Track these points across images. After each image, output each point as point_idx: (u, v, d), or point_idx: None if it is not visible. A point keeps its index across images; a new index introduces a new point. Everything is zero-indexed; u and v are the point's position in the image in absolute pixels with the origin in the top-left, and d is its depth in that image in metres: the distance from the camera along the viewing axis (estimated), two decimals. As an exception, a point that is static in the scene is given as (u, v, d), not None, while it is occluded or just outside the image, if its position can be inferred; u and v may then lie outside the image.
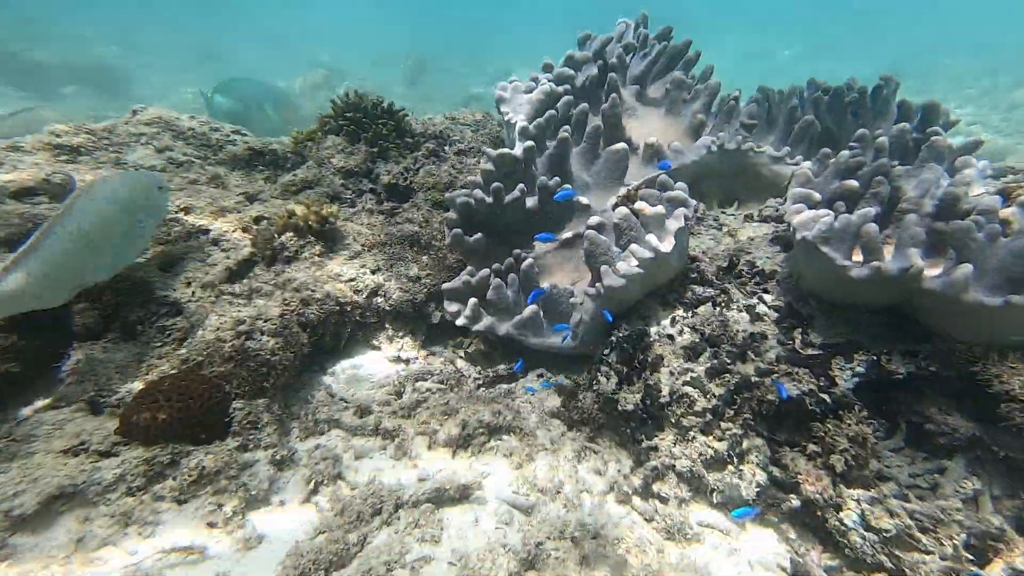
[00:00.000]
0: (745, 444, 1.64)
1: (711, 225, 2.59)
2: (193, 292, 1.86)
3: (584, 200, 2.46)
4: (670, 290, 2.26)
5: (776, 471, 1.57)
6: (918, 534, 1.26)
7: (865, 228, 1.45)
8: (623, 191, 2.49)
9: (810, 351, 1.72)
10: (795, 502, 1.49)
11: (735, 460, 1.62)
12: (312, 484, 1.61)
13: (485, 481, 1.78)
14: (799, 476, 1.49)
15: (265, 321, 1.75)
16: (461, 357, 2.44)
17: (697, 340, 1.97)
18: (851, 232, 1.51)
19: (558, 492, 1.76)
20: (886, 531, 1.31)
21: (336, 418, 1.89)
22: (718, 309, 2.04)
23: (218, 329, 1.67)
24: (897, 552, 1.29)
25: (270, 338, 1.73)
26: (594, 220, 2.32)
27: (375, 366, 2.24)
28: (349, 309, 2.14)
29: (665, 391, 1.84)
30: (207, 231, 2.09)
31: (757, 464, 1.60)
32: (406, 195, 2.69)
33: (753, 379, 1.66)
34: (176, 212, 2.06)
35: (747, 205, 2.72)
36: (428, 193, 2.71)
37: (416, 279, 2.36)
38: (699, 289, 2.19)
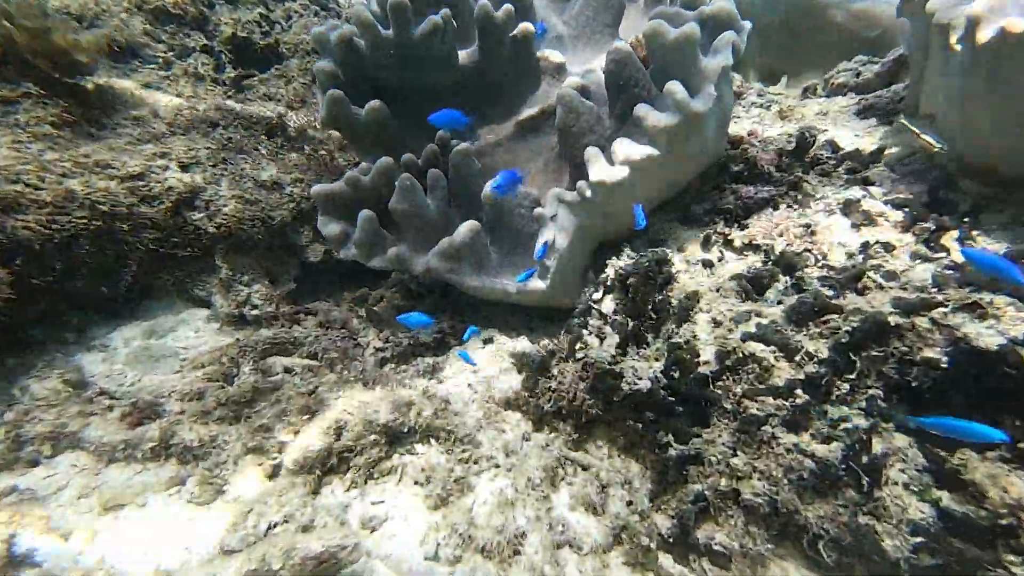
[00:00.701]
0: (877, 446, 0.89)
1: (754, 103, 1.81)
2: None
3: (556, 57, 1.62)
4: (698, 197, 1.49)
5: (952, 501, 0.82)
6: None
7: None
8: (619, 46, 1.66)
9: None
10: (1018, 569, 0.74)
11: (862, 479, 0.87)
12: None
13: (371, 539, 0.98)
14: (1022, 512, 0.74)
15: None
16: (360, 316, 1.60)
17: (760, 264, 1.20)
18: None
19: (515, 552, 0.99)
20: None
21: (73, 431, 1.02)
22: (790, 211, 1.27)
23: None
24: None
25: None
26: (573, 80, 1.50)
27: (193, 333, 1.37)
28: (128, 228, 1.24)
29: (708, 353, 1.08)
30: None
31: (907, 485, 0.85)
32: (266, 60, 1.78)
33: (891, 321, 0.90)
34: None
35: (800, 79, 1.95)
36: (305, 60, 1.81)
37: (274, 185, 1.49)
38: (748, 189, 1.42)
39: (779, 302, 1.12)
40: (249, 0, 1.83)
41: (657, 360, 1.17)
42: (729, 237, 1.37)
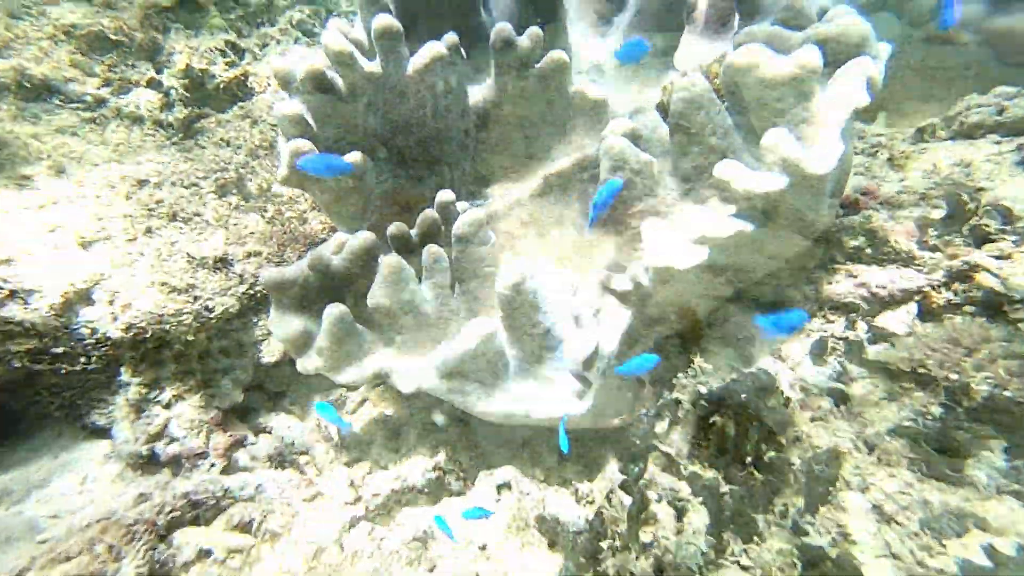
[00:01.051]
0: None
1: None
2: None
3: (593, 92, 1.24)
4: (794, 277, 1.08)
5: None
6: None
7: None
8: (676, 77, 1.27)
9: None
10: None
11: None
12: None
13: None
14: None
15: None
16: (330, 440, 1.18)
17: (939, 409, 0.75)
18: None
19: None
20: None
21: None
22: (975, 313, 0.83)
23: None
24: None
25: None
26: (621, 124, 1.10)
27: (78, 484, 0.95)
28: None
29: (876, 570, 0.62)
30: None
31: None
32: (229, 98, 1.43)
33: None
34: None
35: (904, 118, 1.54)
36: (279, 97, 1.45)
37: (219, 263, 1.10)
38: (876, 274, 1.00)
39: (999, 489, 0.67)
40: (215, 24, 1.49)
41: (782, 572, 0.72)
42: (860, 348, 0.93)
